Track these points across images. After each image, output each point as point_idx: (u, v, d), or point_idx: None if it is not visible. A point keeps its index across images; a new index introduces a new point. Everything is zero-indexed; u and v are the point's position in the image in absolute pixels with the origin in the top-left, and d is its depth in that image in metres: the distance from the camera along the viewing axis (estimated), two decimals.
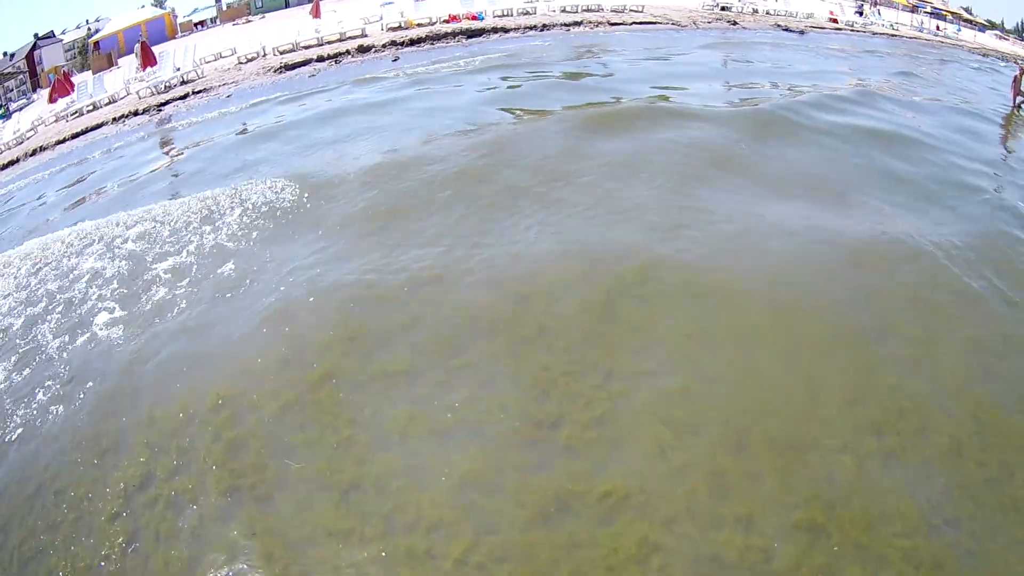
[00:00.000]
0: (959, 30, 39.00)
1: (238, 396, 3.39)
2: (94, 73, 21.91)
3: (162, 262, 5.03)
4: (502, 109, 8.39)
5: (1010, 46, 55.15)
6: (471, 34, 16.57)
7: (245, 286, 4.49)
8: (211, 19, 35.71)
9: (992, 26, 55.63)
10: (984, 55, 32.27)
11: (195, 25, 34.34)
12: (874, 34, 25.66)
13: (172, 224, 5.63)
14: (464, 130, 7.25)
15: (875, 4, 32.76)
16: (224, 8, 35.81)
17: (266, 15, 31.87)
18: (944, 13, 39.14)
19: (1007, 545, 2.42)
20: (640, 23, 17.19)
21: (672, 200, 5.01)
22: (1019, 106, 12.19)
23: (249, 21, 31.45)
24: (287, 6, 35.49)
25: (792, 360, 3.35)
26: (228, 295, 4.43)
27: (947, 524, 2.48)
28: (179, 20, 33.88)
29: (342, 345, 3.68)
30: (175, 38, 30.11)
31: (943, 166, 6.22)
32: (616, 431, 2.97)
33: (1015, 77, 12.49)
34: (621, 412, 3.06)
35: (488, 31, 16.64)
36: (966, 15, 41.57)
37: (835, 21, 24.47)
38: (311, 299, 4.11)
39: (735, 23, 19.31)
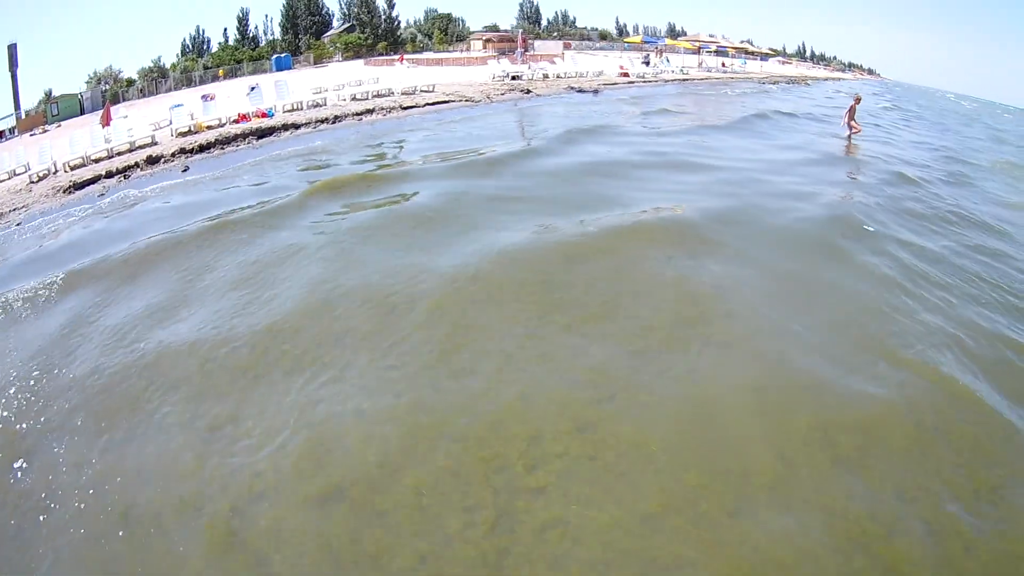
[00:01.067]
0: (744, 63, 45.14)
1: None
2: None
3: None
4: None
5: (794, 69, 64.83)
6: (262, 133, 16.23)
7: None
8: (9, 129, 32.65)
9: (775, 53, 65.20)
10: (774, 82, 37.43)
11: None
12: (666, 82, 28.62)
13: None
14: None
15: (661, 53, 36.89)
16: (23, 116, 33.12)
17: (62, 123, 29.63)
18: (728, 50, 45.12)
19: None
20: (433, 103, 17.83)
21: None
22: (850, 137, 13.10)
23: (45, 131, 29.08)
24: (82, 112, 33.46)
25: None
26: None
27: None
28: None
29: None
30: None
31: None
32: None
33: (850, 108, 13.42)
34: None
35: (279, 128, 16.37)
36: (749, 47, 48.21)
37: (626, 75, 26.96)
38: None
39: (528, 91, 20.67)
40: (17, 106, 33.29)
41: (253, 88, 19.30)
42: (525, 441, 3.19)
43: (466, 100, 18.66)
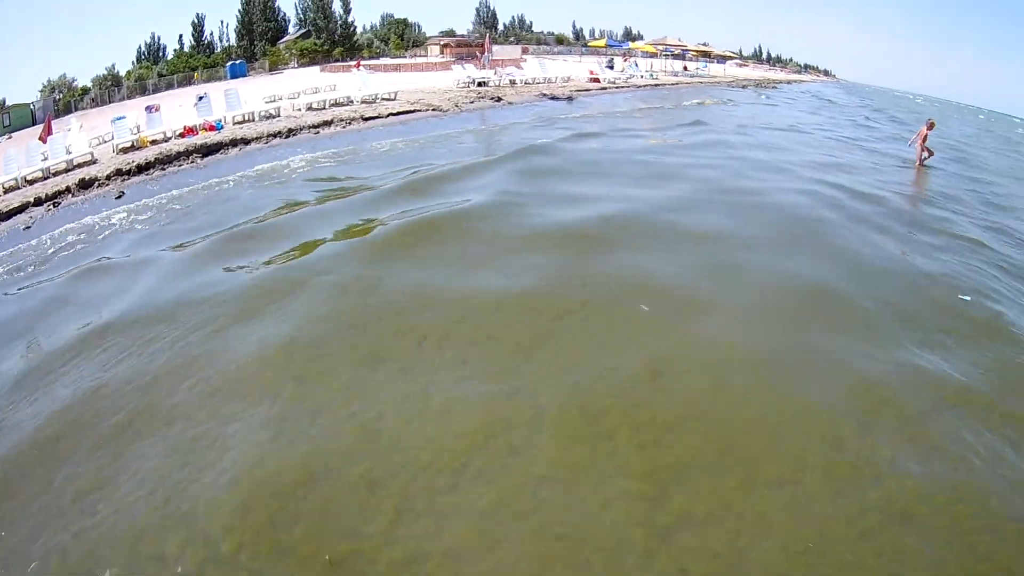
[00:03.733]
0: (705, 66, 45.13)
1: None
2: None
3: None
4: None
5: (752, 71, 65.69)
6: (208, 150, 14.59)
7: None
8: None
9: (732, 56, 65.86)
10: (742, 86, 37.29)
11: None
12: (638, 87, 27.93)
13: None
14: None
15: (627, 57, 36.40)
16: None
17: (13, 135, 27.11)
18: (693, 53, 45.00)
19: None
20: (397, 114, 16.47)
21: None
22: (923, 161, 12.57)
23: None
24: (34, 122, 30.89)
25: None
26: None
27: None
28: None
29: None
30: None
31: None
32: None
33: (921, 133, 12.76)
34: None
35: (227, 144, 14.73)
36: (704, 50, 48.11)
37: (597, 80, 26.16)
38: None
39: (499, 99, 19.53)
40: None
41: (201, 98, 17.55)
42: None
43: (433, 109, 17.40)
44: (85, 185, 14.15)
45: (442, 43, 46.84)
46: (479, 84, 21.07)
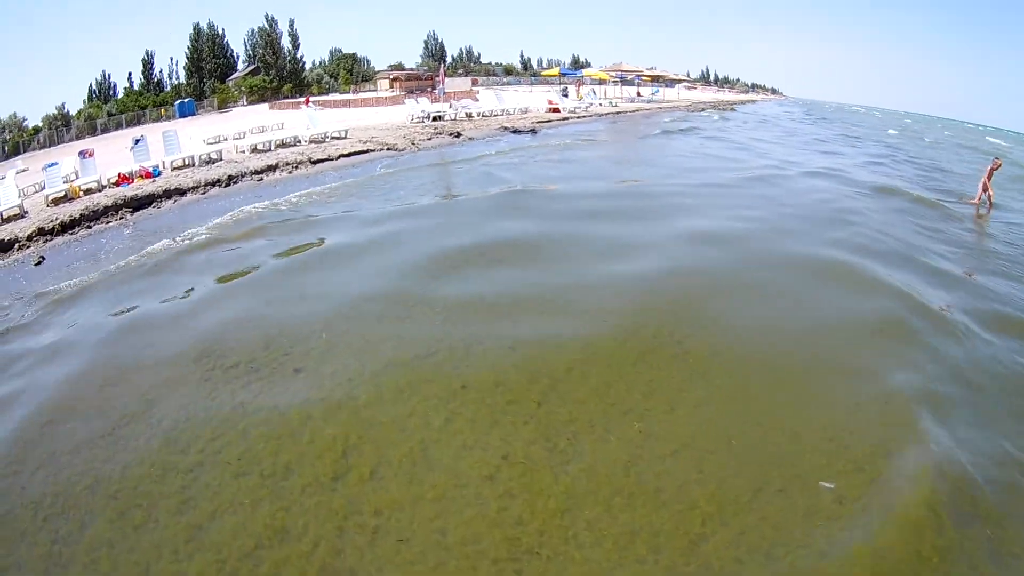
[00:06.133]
0: (657, 91, 45.88)
1: None
2: None
3: None
4: None
5: (701, 93, 67.55)
6: (139, 204, 13.22)
7: None
8: None
9: (680, 80, 67.66)
10: (701, 110, 37.65)
11: None
12: (600, 116, 27.70)
13: None
14: None
15: (580, 85, 36.52)
16: None
17: None
18: (645, 78, 45.72)
19: None
20: (349, 154, 15.47)
21: None
22: (985, 202, 11.72)
23: None
24: None
25: None
26: None
27: None
28: None
29: None
30: None
31: None
32: None
33: (988, 171, 11.92)
34: None
35: (160, 196, 13.44)
36: (655, 74, 48.98)
37: (557, 110, 25.80)
38: None
39: (459, 135, 18.78)
40: None
41: (137, 141, 16.04)
42: None
43: (388, 148, 16.48)
44: (3, 248, 12.55)
45: (392, 77, 46.45)
46: (434, 118, 20.28)
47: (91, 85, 46.81)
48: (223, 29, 48.10)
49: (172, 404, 4.23)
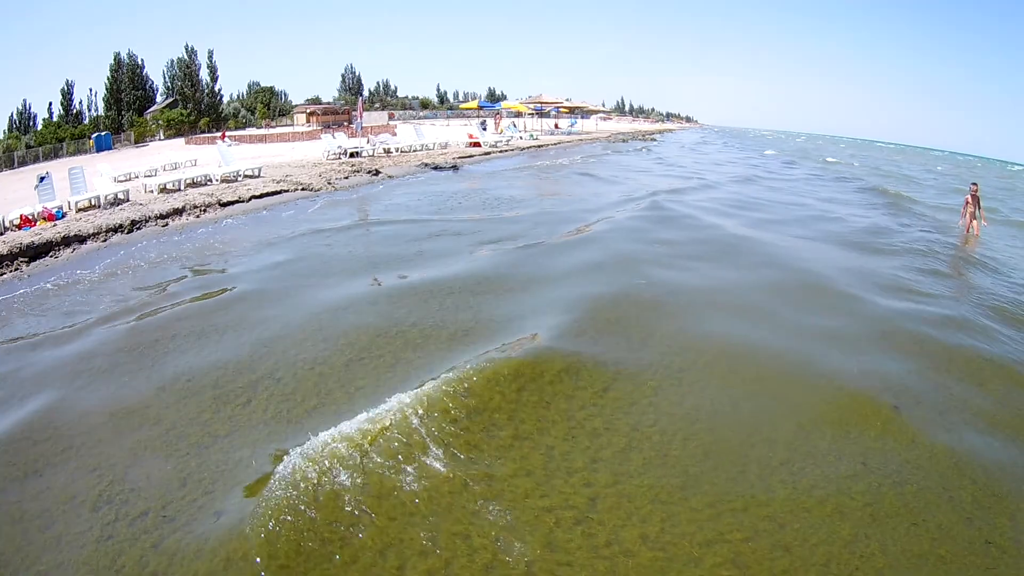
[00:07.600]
0: (575, 122, 47.96)
1: None
2: None
3: None
4: None
5: (616, 123, 70.86)
6: (36, 252, 12.65)
7: None
8: None
9: (596, 110, 70.96)
10: (624, 140, 39.47)
11: None
12: (521, 150, 28.59)
13: None
14: None
15: (499, 118, 37.88)
16: None
17: None
18: (564, 109, 47.66)
19: None
20: (261, 196, 15.53)
21: None
22: (970, 229, 11.93)
23: None
24: None
25: None
26: None
27: None
28: None
29: None
30: None
31: None
32: None
33: (966, 200, 12.24)
34: None
35: (58, 244, 13.01)
36: (573, 105, 51.12)
37: (478, 145, 26.53)
38: None
39: (377, 172, 19.18)
40: None
41: (42, 179, 15.29)
42: None
43: (303, 188, 16.67)
44: None
45: (308, 111, 46.42)
46: (351, 155, 20.54)
47: (12, 115, 45.40)
48: (143, 60, 46.85)
49: None
